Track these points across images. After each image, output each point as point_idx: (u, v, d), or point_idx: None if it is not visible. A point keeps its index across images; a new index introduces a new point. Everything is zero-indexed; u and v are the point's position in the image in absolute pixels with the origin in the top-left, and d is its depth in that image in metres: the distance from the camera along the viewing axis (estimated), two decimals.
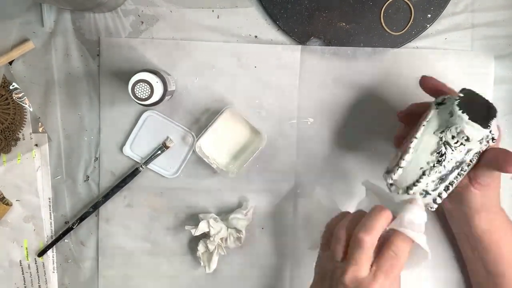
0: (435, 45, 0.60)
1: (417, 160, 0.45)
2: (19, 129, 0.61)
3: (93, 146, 0.61)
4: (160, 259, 0.62)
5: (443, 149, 0.44)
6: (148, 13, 0.60)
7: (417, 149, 0.45)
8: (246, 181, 0.61)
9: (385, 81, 0.60)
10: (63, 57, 0.60)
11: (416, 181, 0.45)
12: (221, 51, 0.60)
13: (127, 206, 0.61)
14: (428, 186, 0.45)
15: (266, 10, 0.59)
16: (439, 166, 0.44)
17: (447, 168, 0.44)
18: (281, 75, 0.60)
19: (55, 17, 0.59)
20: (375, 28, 0.59)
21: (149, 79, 0.51)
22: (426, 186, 0.45)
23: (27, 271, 0.62)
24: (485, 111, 0.44)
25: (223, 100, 0.60)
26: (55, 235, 0.62)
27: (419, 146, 0.45)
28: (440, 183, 0.45)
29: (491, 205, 0.51)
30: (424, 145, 0.45)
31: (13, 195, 0.62)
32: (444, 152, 0.44)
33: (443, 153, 0.44)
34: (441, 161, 0.44)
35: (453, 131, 0.44)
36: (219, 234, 0.58)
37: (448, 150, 0.44)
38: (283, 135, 0.60)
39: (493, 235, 0.52)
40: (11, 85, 0.60)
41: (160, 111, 0.60)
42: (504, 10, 0.60)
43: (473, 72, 0.60)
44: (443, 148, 0.44)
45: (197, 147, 0.58)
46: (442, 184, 0.45)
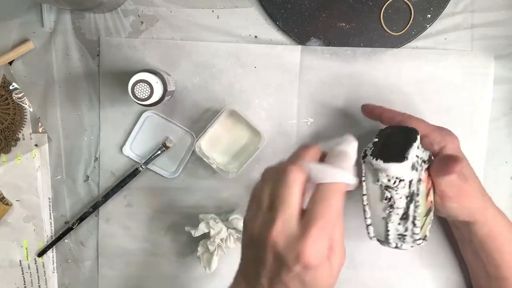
0: (435, 45, 0.60)
1: (376, 213, 0.47)
2: (19, 129, 0.61)
3: (93, 146, 0.61)
4: (160, 259, 0.62)
5: (387, 194, 0.46)
6: (148, 13, 0.60)
7: (370, 204, 0.47)
8: (246, 181, 0.61)
9: (385, 81, 0.60)
10: (63, 57, 0.60)
11: (386, 231, 0.46)
12: (221, 51, 0.60)
13: (127, 206, 0.61)
14: (398, 230, 0.46)
15: (266, 10, 0.59)
16: (393, 209, 0.46)
17: (402, 206, 0.46)
18: (281, 75, 0.60)
19: (55, 17, 0.59)
20: (375, 28, 0.59)
21: (149, 79, 0.51)
22: (396, 231, 0.46)
23: (27, 271, 0.62)
24: (401, 144, 0.45)
25: (223, 100, 0.60)
26: (55, 235, 0.62)
27: (370, 200, 0.47)
28: (405, 223, 0.46)
29: (480, 208, 0.51)
30: (373, 197, 0.47)
31: (13, 195, 0.62)
32: (390, 196, 0.46)
33: (390, 197, 0.46)
34: (392, 204, 0.46)
35: (384, 175, 0.45)
36: (219, 235, 0.57)
37: (392, 192, 0.46)
38: (283, 135, 0.60)
39: (495, 239, 0.52)
40: (11, 85, 0.60)
41: (160, 111, 0.60)
42: (504, 10, 0.60)
43: (473, 72, 0.60)
44: (387, 193, 0.46)
45: (197, 147, 0.58)
46: (408, 222, 0.46)
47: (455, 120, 0.60)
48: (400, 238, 0.46)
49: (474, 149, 0.61)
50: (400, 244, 0.46)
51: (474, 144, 0.60)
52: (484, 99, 0.60)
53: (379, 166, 0.45)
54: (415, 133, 0.46)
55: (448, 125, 0.60)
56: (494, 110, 0.60)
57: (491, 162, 0.61)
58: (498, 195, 0.61)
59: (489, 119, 0.60)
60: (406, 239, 0.46)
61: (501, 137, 0.61)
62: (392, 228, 0.46)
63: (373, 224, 0.47)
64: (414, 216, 0.45)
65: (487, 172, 0.61)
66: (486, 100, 0.60)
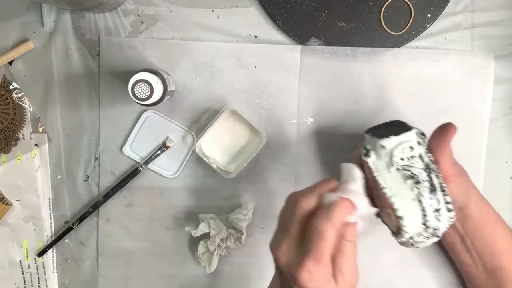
0: (435, 45, 0.60)
1: (404, 197, 0.45)
2: (19, 129, 0.61)
3: (93, 146, 0.61)
4: (160, 259, 0.62)
5: (407, 172, 0.45)
6: (148, 13, 0.60)
7: (394, 193, 0.45)
8: (246, 181, 0.61)
9: (385, 81, 0.60)
10: (63, 57, 0.60)
11: (423, 211, 0.44)
12: (221, 51, 0.60)
13: (127, 206, 0.61)
14: (432, 204, 0.45)
15: (266, 10, 0.59)
16: (420, 184, 0.45)
17: (426, 179, 0.45)
18: (281, 75, 0.60)
19: (55, 17, 0.59)
20: (375, 28, 0.59)
21: (149, 79, 0.51)
22: (431, 207, 0.44)
23: (27, 271, 0.62)
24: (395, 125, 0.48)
25: (223, 100, 0.60)
26: (55, 235, 0.62)
27: (392, 190, 0.46)
28: (435, 194, 0.45)
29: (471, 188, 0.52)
30: (395, 185, 0.46)
31: (13, 195, 0.62)
32: (412, 172, 0.45)
33: (411, 174, 0.45)
34: (418, 180, 0.45)
35: (397, 155, 0.45)
36: (219, 235, 0.58)
37: (411, 169, 0.45)
38: (283, 135, 0.60)
39: (486, 222, 0.52)
40: (11, 85, 0.60)
41: (160, 111, 0.60)
42: (504, 10, 0.60)
43: (473, 72, 0.60)
44: (407, 172, 0.45)
45: (197, 147, 0.58)
46: (437, 192, 0.45)
47: (455, 120, 0.60)
48: (436, 216, 0.44)
49: (474, 149, 0.61)
50: (437, 225, 0.44)
51: (474, 144, 0.60)
52: (484, 99, 0.60)
53: (390, 142, 0.45)
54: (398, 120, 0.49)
55: None
56: (494, 110, 0.60)
57: (491, 162, 0.61)
58: (498, 195, 0.61)
59: (489, 119, 0.60)
60: (441, 213, 0.44)
61: (501, 137, 0.61)
62: (427, 205, 0.44)
63: (406, 214, 0.44)
64: (441, 183, 0.45)
65: (487, 172, 0.61)
66: (486, 100, 0.60)
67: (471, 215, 0.52)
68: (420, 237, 0.45)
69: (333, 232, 0.40)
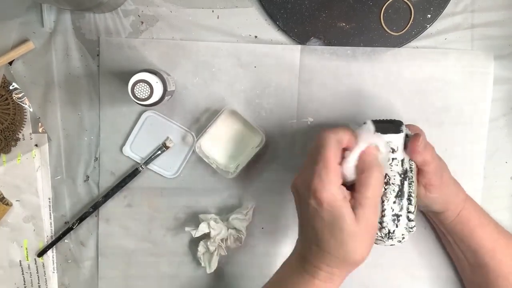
0: (435, 45, 0.60)
1: None
2: (19, 129, 0.61)
3: (93, 146, 0.61)
4: (160, 259, 0.62)
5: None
6: (148, 13, 0.60)
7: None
8: (246, 181, 0.61)
9: (385, 81, 0.60)
10: (63, 57, 0.60)
11: (382, 211, 0.46)
12: (221, 51, 0.60)
13: (127, 206, 0.61)
14: (394, 209, 0.46)
15: (266, 10, 0.59)
16: (389, 186, 0.46)
17: (397, 183, 0.46)
18: (281, 75, 0.60)
19: (55, 17, 0.59)
20: (375, 28, 0.59)
21: (148, 79, 0.51)
22: (392, 210, 0.46)
23: (27, 271, 0.62)
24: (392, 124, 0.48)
25: (223, 100, 0.60)
26: (55, 235, 0.62)
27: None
28: (401, 200, 0.46)
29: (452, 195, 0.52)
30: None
31: (13, 195, 0.62)
32: (385, 173, 0.46)
33: (385, 174, 0.46)
34: (388, 181, 0.46)
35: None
36: (219, 235, 0.57)
37: (387, 170, 0.46)
38: (283, 135, 0.60)
39: (464, 225, 0.53)
40: (11, 85, 0.60)
41: (160, 111, 0.60)
42: (504, 10, 0.60)
43: (473, 72, 0.60)
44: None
45: (197, 147, 0.58)
46: (403, 199, 0.46)
47: (455, 120, 0.60)
48: (394, 220, 0.46)
49: (474, 149, 0.61)
50: (393, 229, 0.46)
51: (474, 144, 0.60)
52: (484, 99, 0.60)
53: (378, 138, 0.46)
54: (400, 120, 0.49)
55: (448, 125, 0.60)
56: (494, 110, 0.60)
57: (491, 162, 0.61)
58: (498, 195, 0.61)
59: (489, 119, 0.60)
60: (400, 221, 0.46)
61: (501, 137, 0.61)
62: (388, 207, 0.45)
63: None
64: (409, 192, 0.46)
65: (487, 172, 0.61)
66: (486, 100, 0.60)
67: (446, 219, 0.53)
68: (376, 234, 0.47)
69: (333, 138, 0.43)
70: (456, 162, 0.54)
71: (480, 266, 0.53)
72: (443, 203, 0.51)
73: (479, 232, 0.53)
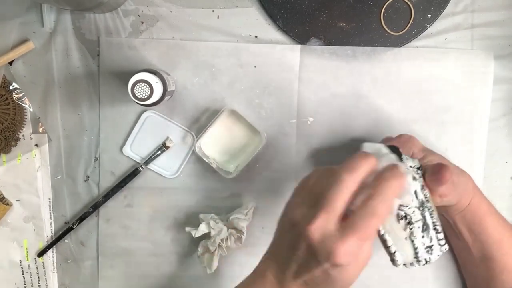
0: (435, 45, 0.60)
1: (396, 236, 0.45)
2: (19, 129, 0.61)
3: (93, 146, 0.61)
4: (160, 259, 0.62)
5: (401, 213, 0.45)
6: (148, 13, 0.60)
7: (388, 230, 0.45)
8: (246, 181, 0.61)
9: (385, 81, 0.60)
10: (63, 57, 0.60)
11: (414, 250, 0.45)
12: (221, 51, 0.60)
13: (127, 206, 0.61)
14: (425, 243, 0.46)
15: (266, 10, 0.59)
16: (413, 224, 0.45)
17: (419, 219, 0.45)
18: (281, 75, 0.60)
19: (55, 17, 0.59)
20: (375, 28, 0.59)
21: (148, 79, 0.51)
22: (423, 245, 0.45)
23: (27, 271, 0.62)
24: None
25: (223, 100, 0.60)
26: (55, 235, 0.62)
27: (386, 227, 0.45)
28: (428, 233, 0.46)
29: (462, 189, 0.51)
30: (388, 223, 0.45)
31: (13, 195, 0.62)
32: (404, 214, 0.45)
33: (404, 215, 0.45)
34: (410, 220, 0.45)
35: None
36: (219, 235, 0.57)
37: (405, 209, 0.45)
38: (283, 135, 0.61)
39: (475, 213, 0.52)
40: (11, 85, 0.60)
41: (160, 111, 0.60)
42: (504, 10, 0.60)
43: (473, 71, 0.60)
44: (400, 212, 0.45)
45: (197, 147, 0.58)
46: (430, 230, 0.46)
47: (455, 119, 0.60)
48: (428, 251, 0.46)
49: (474, 149, 0.61)
50: (428, 257, 0.46)
51: (474, 144, 0.60)
52: (484, 99, 0.60)
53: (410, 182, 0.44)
54: (397, 148, 0.46)
55: (448, 125, 0.60)
56: (493, 110, 0.60)
57: (491, 162, 0.61)
58: (498, 195, 0.61)
59: (489, 119, 0.60)
60: (433, 248, 0.46)
61: (500, 137, 0.61)
62: (419, 244, 0.45)
63: (398, 250, 0.45)
64: (433, 222, 0.46)
65: (487, 172, 0.61)
66: (486, 100, 0.60)
67: (459, 207, 0.53)
68: (413, 266, 0.46)
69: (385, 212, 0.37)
70: (456, 162, 0.54)
71: (486, 259, 0.53)
72: (456, 195, 0.51)
73: (488, 220, 0.53)
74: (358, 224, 0.37)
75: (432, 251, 0.46)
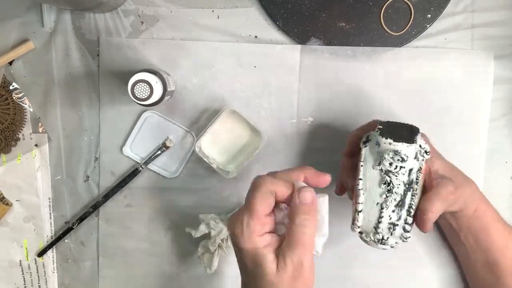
0: (435, 45, 0.60)
1: (371, 198, 0.47)
2: (19, 129, 0.61)
3: (93, 146, 0.61)
4: (160, 259, 0.62)
5: (387, 178, 0.46)
6: (148, 13, 0.60)
7: (366, 188, 0.47)
8: (246, 181, 0.61)
9: (385, 81, 0.60)
10: (63, 57, 0.60)
11: (379, 218, 0.46)
12: (221, 51, 0.60)
13: (127, 206, 0.61)
14: (392, 217, 0.46)
15: (266, 10, 0.59)
16: (391, 195, 0.46)
17: (399, 193, 0.46)
18: (281, 75, 0.60)
19: (55, 17, 0.59)
20: (375, 28, 0.59)
21: (148, 79, 0.51)
22: (389, 218, 0.46)
23: (27, 271, 0.62)
24: (407, 131, 0.48)
25: (223, 100, 0.60)
26: (55, 235, 0.62)
27: (366, 185, 0.47)
28: (400, 210, 0.46)
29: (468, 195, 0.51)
30: (370, 182, 0.47)
31: (13, 195, 0.62)
32: (390, 181, 0.46)
33: (389, 182, 0.46)
34: (391, 189, 0.46)
35: (387, 158, 0.46)
36: (220, 235, 0.57)
37: (392, 177, 0.46)
38: (283, 135, 0.61)
39: (481, 219, 0.52)
40: (11, 85, 0.60)
41: (160, 111, 0.60)
42: (504, 10, 0.60)
43: (473, 71, 0.60)
44: (387, 178, 0.46)
45: (197, 147, 0.58)
46: (403, 209, 0.46)
47: (455, 119, 0.60)
48: (390, 229, 0.46)
49: (474, 149, 0.61)
50: (386, 236, 0.46)
51: (474, 144, 0.60)
52: (484, 99, 0.60)
53: (387, 146, 0.45)
54: (417, 128, 0.48)
55: (448, 125, 0.60)
56: (494, 110, 0.60)
57: (491, 162, 0.61)
58: (498, 195, 0.61)
59: (489, 119, 0.60)
60: (395, 230, 0.46)
61: (501, 137, 0.61)
62: (385, 215, 0.46)
63: (365, 211, 0.47)
64: (410, 204, 0.46)
65: (487, 172, 0.61)
66: (486, 100, 0.60)
67: (466, 214, 0.52)
68: (368, 237, 0.47)
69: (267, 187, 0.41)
70: (456, 162, 0.54)
71: (491, 264, 0.53)
72: (461, 204, 0.51)
73: (493, 227, 0.53)
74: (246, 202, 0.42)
75: (393, 231, 0.46)
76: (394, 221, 0.46)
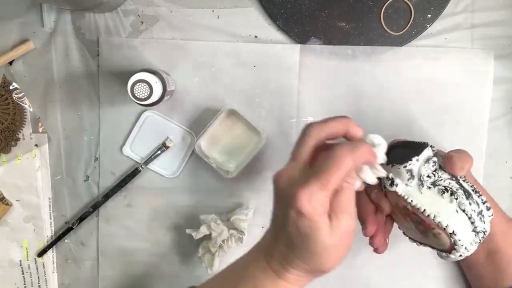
0: (435, 45, 0.60)
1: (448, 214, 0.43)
2: (19, 129, 0.61)
3: (93, 146, 0.61)
4: (160, 259, 0.62)
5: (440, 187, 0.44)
6: (148, 13, 0.60)
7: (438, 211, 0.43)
8: (246, 181, 0.61)
9: (384, 80, 0.60)
10: (63, 57, 0.60)
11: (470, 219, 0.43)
12: (221, 51, 0.60)
13: (127, 206, 0.61)
14: (474, 209, 0.43)
15: (266, 10, 0.59)
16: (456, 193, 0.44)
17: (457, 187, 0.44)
18: (281, 75, 0.60)
19: (55, 17, 0.59)
20: (375, 28, 0.59)
21: (148, 79, 0.51)
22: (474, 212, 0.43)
23: (27, 271, 0.62)
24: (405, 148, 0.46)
25: (223, 100, 0.60)
26: (55, 235, 0.62)
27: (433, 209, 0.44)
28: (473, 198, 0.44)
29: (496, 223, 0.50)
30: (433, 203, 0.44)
31: (13, 195, 0.62)
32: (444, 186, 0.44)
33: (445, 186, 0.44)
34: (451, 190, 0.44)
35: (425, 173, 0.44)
36: (220, 236, 0.57)
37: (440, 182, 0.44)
38: (283, 134, 0.60)
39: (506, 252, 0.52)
40: (11, 85, 0.60)
41: (160, 111, 0.60)
42: (504, 10, 0.60)
43: (473, 70, 0.60)
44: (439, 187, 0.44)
45: (197, 147, 0.58)
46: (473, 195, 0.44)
47: (455, 119, 0.60)
48: (481, 218, 0.43)
49: (474, 149, 0.60)
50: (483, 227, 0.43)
51: (474, 144, 0.60)
52: (483, 98, 0.60)
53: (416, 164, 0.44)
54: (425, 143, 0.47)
55: (447, 124, 0.60)
56: (493, 109, 0.60)
57: (491, 162, 0.61)
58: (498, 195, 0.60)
59: (489, 118, 0.60)
60: (484, 214, 0.44)
61: (500, 137, 0.61)
62: (471, 211, 0.43)
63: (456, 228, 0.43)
64: (470, 185, 0.45)
65: (487, 172, 0.61)
66: (486, 99, 0.60)
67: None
68: (473, 244, 0.43)
69: (349, 164, 0.38)
70: None
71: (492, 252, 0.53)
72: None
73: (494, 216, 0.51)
74: (320, 171, 0.38)
75: (483, 218, 0.44)
76: (478, 209, 0.44)
